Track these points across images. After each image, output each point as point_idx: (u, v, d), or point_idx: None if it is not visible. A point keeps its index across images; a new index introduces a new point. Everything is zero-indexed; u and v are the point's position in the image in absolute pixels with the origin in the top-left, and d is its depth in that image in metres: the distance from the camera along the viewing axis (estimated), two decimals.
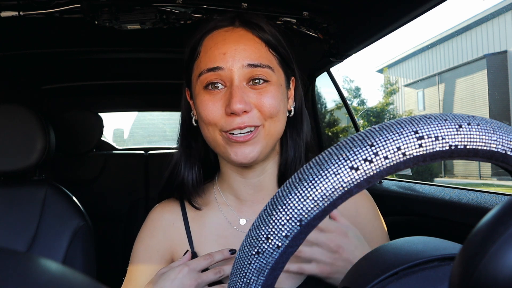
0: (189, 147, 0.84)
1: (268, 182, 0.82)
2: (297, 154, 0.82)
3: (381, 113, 15.92)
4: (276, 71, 0.76)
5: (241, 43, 0.73)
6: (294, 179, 0.33)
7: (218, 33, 0.75)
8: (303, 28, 1.43)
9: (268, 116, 0.73)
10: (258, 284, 0.34)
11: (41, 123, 1.33)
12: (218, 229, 0.82)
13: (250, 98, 0.72)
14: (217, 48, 0.73)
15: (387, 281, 0.36)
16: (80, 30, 1.50)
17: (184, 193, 0.83)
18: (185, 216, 0.84)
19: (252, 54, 0.72)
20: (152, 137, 9.70)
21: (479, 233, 0.27)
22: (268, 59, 0.74)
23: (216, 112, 0.72)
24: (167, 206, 0.87)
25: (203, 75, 0.73)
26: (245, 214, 0.82)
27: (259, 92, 0.72)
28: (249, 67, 0.72)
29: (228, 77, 0.72)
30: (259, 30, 0.75)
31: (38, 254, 1.29)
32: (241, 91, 0.71)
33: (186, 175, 0.82)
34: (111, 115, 8.63)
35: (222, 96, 0.72)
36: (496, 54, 12.29)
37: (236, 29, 0.75)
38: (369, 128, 0.33)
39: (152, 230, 0.85)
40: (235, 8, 1.29)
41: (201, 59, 0.75)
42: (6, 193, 1.37)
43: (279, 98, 0.74)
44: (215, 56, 0.72)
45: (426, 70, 16.25)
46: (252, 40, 0.74)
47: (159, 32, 1.40)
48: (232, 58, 0.71)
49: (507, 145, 0.32)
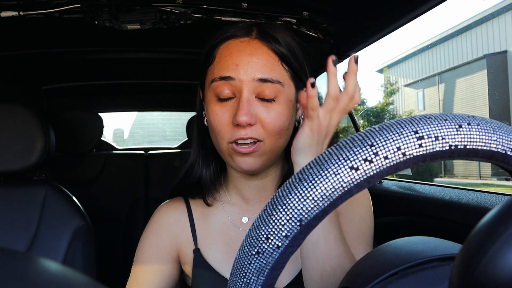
0: (204, 145, 0.86)
1: (271, 184, 0.85)
2: None
3: (381, 113, 15.92)
4: (286, 86, 0.77)
5: (254, 56, 0.75)
6: (294, 179, 0.33)
7: (234, 42, 0.77)
8: (303, 28, 1.43)
9: (271, 133, 0.74)
10: (258, 284, 0.34)
11: (41, 123, 1.34)
12: (222, 226, 0.85)
13: (257, 111, 0.74)
14: (231, 58, 0.75)
15: (387, 281, 0.36)
16: (80, 30, 1.51)
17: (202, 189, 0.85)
18: (191, 214, 0.87)
19: (264, 68, 0.74)
20: (152, 137, 9.71)
21: (479, 233, 0.27)
22: (279, 74, 0.76)
23: (224, 121, 0.75)
24: (173, 205, 0.89)
25: (214, 83, 0.75)
26: (248, 213, 0.85)
27: (266, 107, 0.74)
28: (260, 81, 0.74)
29: (238, 88, 0.74)
30: (275, 43, 0.76)
31: (38, 254, 1.29)
32: (249, 104, 0.73)
33: (204, 172, 0.85)
34: (111, 115, 8.63)
35: (231, 107, 0.75)
36: (496, 54, 12.30)
37: (252, 41, 0.76)
38: (369, 128, 0.33)
39: (157, 228, 0.86)
40: (235, 8, 1.29)
41: (214, 66, 0.77)
42: (6, 193, 1.37)
43: (285, 116, 0.75)
44: (228, 66, 0.75)
45: (426, 70, 16.26)
46: (266, 53, 0.76)
47: (159, 32, 1.40)
48: (244, 70, 0.73)
49: (507, 145, 0.32)
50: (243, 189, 0.85)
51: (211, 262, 0.82)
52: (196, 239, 0.84)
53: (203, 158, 0.86)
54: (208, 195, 0.86)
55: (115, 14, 1.23)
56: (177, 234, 0.85)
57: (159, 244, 0.85)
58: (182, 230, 0.86)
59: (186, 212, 0.87)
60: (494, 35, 12.75)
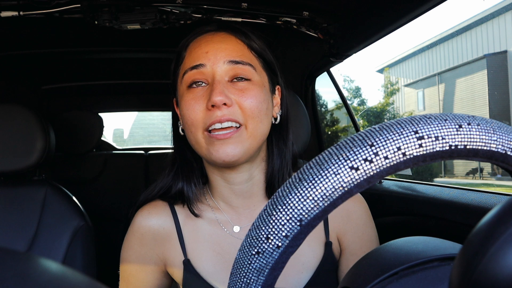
0: (184, 158, 0.83)
1: (257, 189, 0.81)
2: (283, 162, 0.81)
3: (381, 113, 15.92)
4: (259, 72, 0.77)
5: (223, 43, 0.75)
6: (294, 179, 0.33)
7: (202, 37, 0.78)
8: (303, 28, 1.43)
9: (249, 114, 0.72)
10: (258, 284, 0.34)
11: (41, 123, 1.34)
12: (212, 235, 0.80)
13: (231, 94, 0.72)
14: (200, 48, 0.75)
15: (387, 281, 0.36)
16: (80, 30, 1.50)
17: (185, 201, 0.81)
18: (176, 219, 0.82)
19: (233, 52, 0.74)
20: (152, 137, 9.71)
21: (479, 233, 0.27)
22: (249, 58, 0.76)
23: (198, 109, 0.72)
24: (154, 209, 0.83)
25: (186, 74, 0.75)
26: (238, 221, 0.81)
27: (241, 89, 0.73)
28: (230, 63, 0.73)
29: (210, 74, 0.73)
30: (242, 35, 0.77)
31: (38, 254, 1.29)
32: (222, 85, 0.72)
33: (186, 186, 0.81)
34: (111, 115, 8.64)
35: (204, 93, 0.73)
36: (496, 54, 12.29)
37: (218, 32, 0.77)
38: (369, 128, 0.33)
39: (140, 237, 0.81)
40: (235, 8, 1.29)
41: (185, 61, 0.77)
42: (6, 193, 1.37)
43: (261, 98, 0.74)
44: (198, 55, 0.74)
45: (426, 70, 16.25)
46: (234, 41, 0.76)
47: (159, 32, 1.40)
48: (214, 56, 0.73)
49: (507, 145, 0.32)
50: (228, 196, 0.80)
51: (203, 274, 0.78)
52: (184, 249, 0.79)
53: (183, 172, 0.81)
54: (193, 206, 0.81)
55: (115, 14, 1.23)
56: (162, 242, 0.81)
57: (145, 254, 0.81)
58: (168, 238, 0.80)
59: (170, 217, 0.82)
60: (494, 35, 12.75)
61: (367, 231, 0.84)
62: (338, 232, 0.83)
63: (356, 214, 0.84)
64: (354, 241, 0.82)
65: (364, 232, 0.84)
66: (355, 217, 0.84)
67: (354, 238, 0.82)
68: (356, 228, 0.83)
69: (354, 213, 0.84)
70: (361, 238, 0.83)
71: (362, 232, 0.83)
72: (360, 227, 0.84)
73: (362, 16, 1.27)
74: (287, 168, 0.82)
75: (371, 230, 0.86)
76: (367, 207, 0.87)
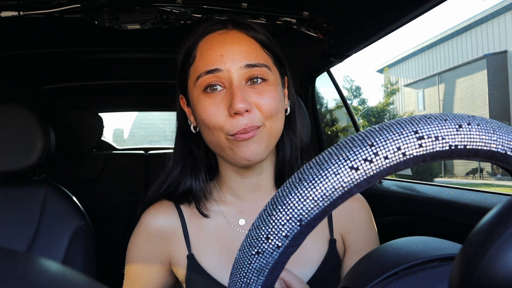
0: (191, 155, 0.83)
1: (266, 182, 0.82)
2: (293, 153, 0.83)
3: (381, 113, 15.92)
4: (273, 70, 0.77)
5: (237, 44, 0.74)
6: (294, 179, 0.33)
7: (212, 36, 0.76)
8: (303, 28, 1.43)
9: (268, 115, 0.73)
10: (258, 284, 0.34)
11: (41, 123, 1.34)
12: (217, 229, 0.81)
13: (250, 97, 0.72)
14: (213, 50, 0.73)
15: (387, 281, 0.36)
16: (80, 30, 1.50)
17: (193, 199, 0.82)
18: (182, 216, 0.82)
19: (249, 55, 0.73)
20: (152, 137, 9.72)
21: (479, 233, 0.27)
22: (264, 59, 0.75)
23: (219, 115, 0.72)
24: (161, 208, 0.84)
25: (201, 78, 0.73)
26: (244, 214, 0.82)
27: (259, 92, 0.73)
28: (247, 67, 0.72)
29: (227, 79, 0.72)
30: (253, 31, 0.76)
31: (38, 254, 1.29)
32: (242, 91, 0.71)
33: (194, 183, 0.82)
34: (111, 115, 8.64)
35: (223, 98, 0.72)
36: (496, 54, 12.29)
37: (230, 32, 0.76)
38: (369, 128, 0.33)
39: (147, 235, 0.82)
40: (235, 8, 1.29)
41: (197, 63, 0.75)
42: (6, 193, 1.37)
43: (277, 97, 0.75)
44: (213, 59, 0.73)
45: (426, 70, 16.25)
46: (247, 41, 0.75)
47: (159, 32, 1.40)
48: (230, 60, 0.72)
49: (507, 145, 0.32)
50: (238, 188, 0.81)
51: (207, 268, 0.78)
52: (189, 243, 0.80)
53: (191, 168, 0.82)
54: (201, 205, 0.81)
55: (115, 14, 1.23)
56: (168, 240, 0.81)
57: (151, 252, 0.82)
58: (174, 235, 0.81)
59: (176, 215, 0.83)
60: (494, 35, 12.75)
61: (370, 231, 0.86)
62: (342, 230, 0.84)
63: (359, 214, 0.85)
64: (358, 240, 0.83)
65: (367, 231, 0.85)
66: (359, 216, 0.85)
67: (358, 237, 0.83)
68: (359, 227, 0.84)
69: (357, 213, 0.85)
70: (364, 237, 0.84)
71: (365, 232, 0.85)
72: (363, 226, 0.85)
73: (362, 16, 1.27)
74: (296, 158, 0.83)
75: (374, 231, 0.87)
76: (369, 208, 0.88)
